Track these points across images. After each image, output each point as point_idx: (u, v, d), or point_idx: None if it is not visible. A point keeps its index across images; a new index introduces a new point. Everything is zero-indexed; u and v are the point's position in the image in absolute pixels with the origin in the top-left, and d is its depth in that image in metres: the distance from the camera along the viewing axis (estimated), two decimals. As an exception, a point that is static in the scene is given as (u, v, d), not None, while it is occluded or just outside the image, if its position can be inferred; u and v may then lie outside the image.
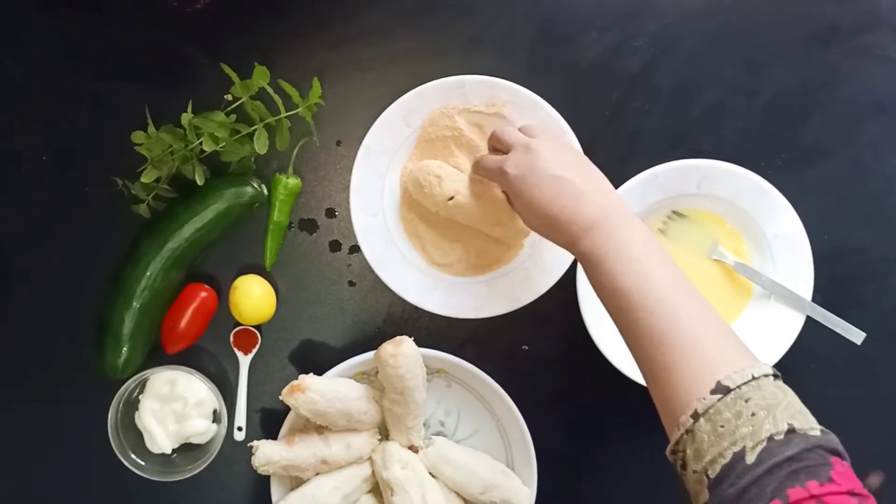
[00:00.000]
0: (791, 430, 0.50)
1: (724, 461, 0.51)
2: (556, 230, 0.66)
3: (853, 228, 0.83)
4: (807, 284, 0.80)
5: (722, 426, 0.52)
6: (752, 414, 0.51)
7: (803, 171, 0.83)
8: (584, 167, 0.68)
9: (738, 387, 0.53)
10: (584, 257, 0.64)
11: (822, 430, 0.52)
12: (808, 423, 0.52)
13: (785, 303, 0.80)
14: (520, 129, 0.72)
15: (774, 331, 0.80)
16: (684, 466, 0.55)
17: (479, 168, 0.74)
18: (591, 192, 0.65)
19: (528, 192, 0.66)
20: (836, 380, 0.83)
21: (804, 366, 0.82)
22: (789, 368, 0.80)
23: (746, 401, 0.52)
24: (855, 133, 0.83)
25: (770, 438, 0.50)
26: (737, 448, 0.50)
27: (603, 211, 0.64)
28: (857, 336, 0.80)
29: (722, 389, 0.53)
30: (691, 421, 0.53)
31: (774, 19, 0.84)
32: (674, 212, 0.82)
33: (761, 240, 0.81)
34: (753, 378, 0.53)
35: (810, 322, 0.80)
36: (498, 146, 0.72)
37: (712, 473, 0.51)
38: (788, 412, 0.52)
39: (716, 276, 0.82)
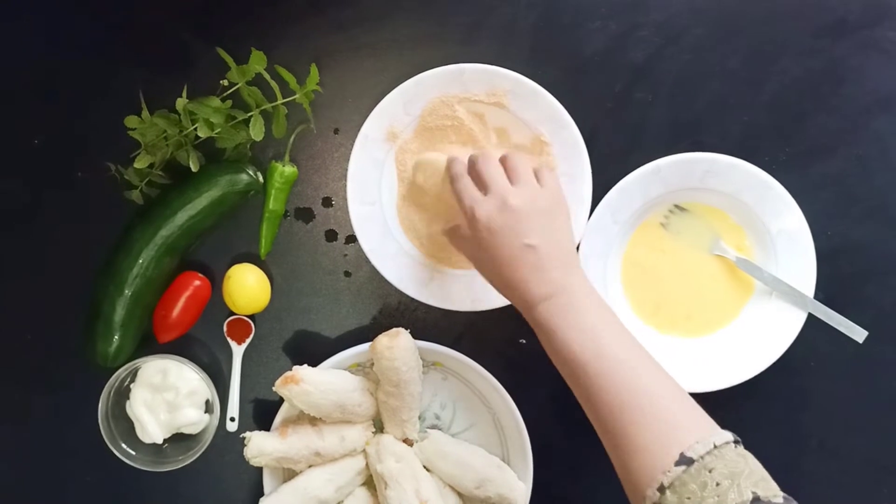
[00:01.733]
0: (756, 499, 0.51)
1: None
2: (510, 292, 0.67)
3: (857, 225, 0.82)
4: (809, 281, 0.79)
5: (688, 498, 0.53)
6: (717, 484, 0.52)
7: (808, 166, 0.82)
8: (556, 232, 0.66)
9: (702, 457, 0.54)
10: (538, 325, 0.64)
11: (784, 497, 0.52)
12: (772, 491, 0.53)
13: (786, 299, 0.79)
14: (501, 160, 0.69)
15: (775, 328, 0.79)
16: None
17: (452, 185, 0.70)
18: (554, 266, 0.64)
19: (492, 249, 0.66)
20: (838, 378, 0.82)
21: (805, 363, 0.82)
22: (790, 366, 0.80)
23: (710, 471, 0.53)
24: (861, 128, 0.82)
25: None
26: None
27: (561, 285, 0.64)
28: (859, 334, 0.80)
29: (685, 461, 0.54)
30: (658, 494, 0.54)
31: (781, 11, 0.82)
32: (676, 206, 0.81)
33: (764, 235, 0.80)
34: (715, 447, 0.54)
35: (812, 319, 0.79)
36: (474, 177, 0.69)
37: None
38: (751, 480, 0.52)
39: (717, 271, 0.81)
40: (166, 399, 0.78)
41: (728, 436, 0.56)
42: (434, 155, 0.77)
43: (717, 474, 0.53)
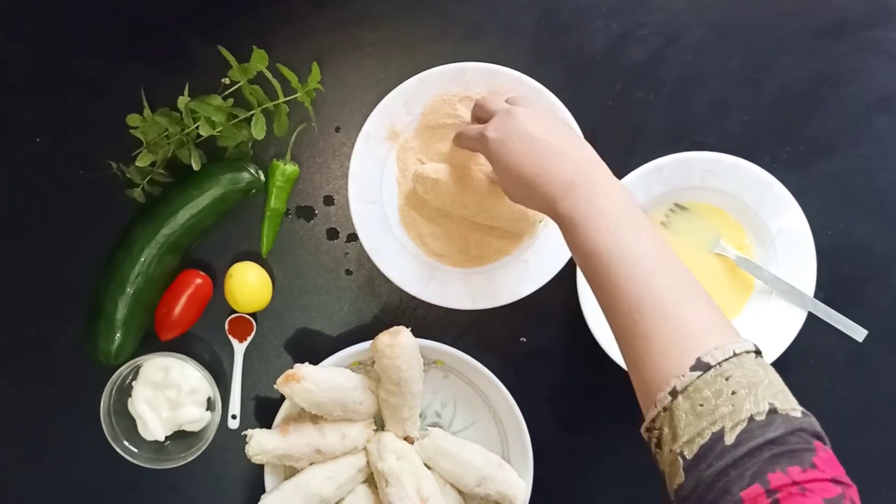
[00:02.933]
0: (773, 411, 0.48)
1: (702, 441, 0.49)
2: (534, 192, 0.63)
3: (857, 225, 0.82)
4: (809, 280, 0.79)
5: (701, 405, 0.50)
6: (733, 392, 0.49)
7: (808, 165, 0.82)
8: (563, 129, 0.66)
9: (719, 363, 0.50)
10: (562, 219, 0.61)
11: (803, 412, 0.49)
12: (790, 404, 0.50)
13: (787, 298, 0.79)
14: (506, 101, 0.71)
15: (775, 327, 0.80)
16: (659, 445, 0.53)
17: (460, 139, 0.73)
18: (569, 151, 0.62)
19: (507, 154, 0.64)
20: (837, 377, 0.82)
21: (805, 362, 0.82)
22: (790, 365, 0.80)
23: (727, 378, 0.50)
24: (861, 128, 0.83)
25: (750, 419, 0.48)
26: (716, 428, 0.48)
27: (581, 170, 0.61)
28: (858, 333, 0.80)
29: (702, 366, 0.51)
30: (669, 398, 0.51)
31: (782, 11, 0.83)
32: (676, 204, 0.81)
33: (764, 234, 0.80)
34: (735, 354, 0.51)
35: (812, 318, 0.79)
36: (482, 115, 0.71)
37: (689, 454, 0.49)
38: (770, 391, 0.49)
39: (717, 270, 0.82)
40: (168, 397, 0.79)
41: (749, 345, 0.52)
42: (432, 167, 0.77)
43: (734, 382, 0.49)
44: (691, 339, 0.52)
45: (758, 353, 0.53)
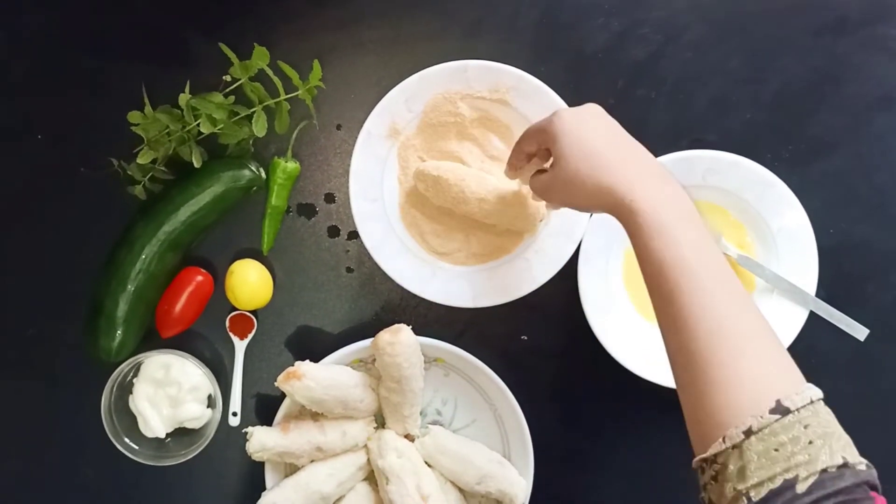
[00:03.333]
0: (844, 465, 0.48)
1: (772, 486, 0.48)
2: (608, 177, 0.59)
3: (859, 223, 0.82)
4: (811, 279, 0.79)
5: (776, 449, 0.49)
6: (810, 442, 0.49)
7: (809, 164, 0.82)
8: (632, 142, 0.63)
9: (798, 409, 0.50)
10: (639, 218, 0.57)
11: (867, 465, 0.50)
12: (857, 458, 0.50)
13: (788, 297, 0.79)
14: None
15: (777, 325, 0.78)
16: (716, 479, 0.52)
17: (520, 143, 0.68)
18: (649, 158, 0.61)
19: (584, 143, 0.60)
20: (839, 376, 0.82)
21: (806, 361, 0.80)
22: (791, 363, 0.80)
23: (805, 427, 0.49)
24: (863, 126, 0.82)
25: (824, 471, 0.48)
26: (789, 475, 0.48)
27: (660, 173, 0.59)
28: (860, 332, 0.80)
29: (781, 410, 0.50)
30: (742, 437, 0.50)
31: (783, 9, 0.82)
32: (677, 203, 0.81)
33: (765, 233, 0.80)
34: (812, 402, 0.51)
35: (813, 317, 0.79)
36: (529, 145, 0.67)
37: (756, 496, 0.49)
38: (841, 443, 0.49)
39: (718, 268, 0.81)
40: (169, 394, 0.79)
41: (820, 392, 0.52)
42: (434, 164, 0.77)
43: (812, 432, 0.49)
44: (768, 379, 0.52)
45: (824, 400, 0.52)
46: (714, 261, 0.56)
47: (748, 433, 0.50)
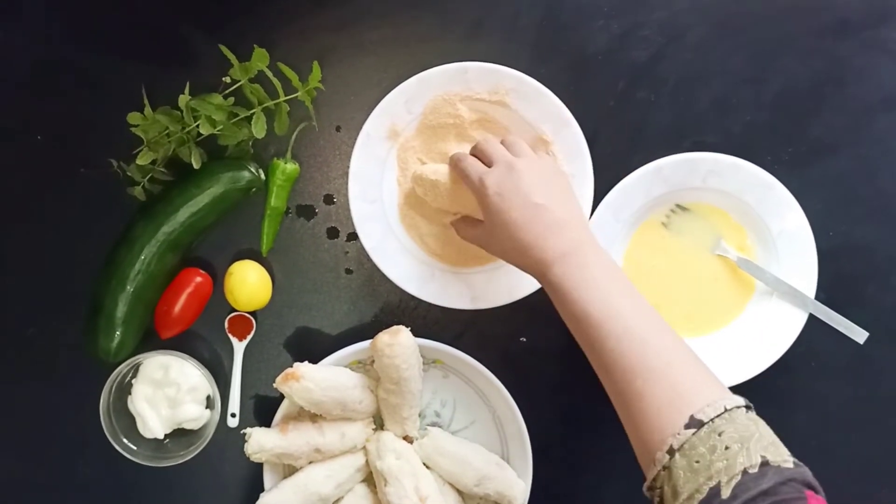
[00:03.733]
0: (765, 463, 0.50)
1: (700, 496, 0.51)
2: (525, 256, 0.66)
3: (859, 226, 0.82)
4: (810, 282, 0.79)
5: (697, 461, 0.52)
6: (726, 447, 0.51)
7: (810, 166, 0.82)
8: (562, 194, 0.68)
9: (712, 420, 0.53)
10: (553, 286, 0.64)
11: (794, 462, 0.52)
12: (781, 456, 0.52)
13: (788, 300, 0.79)
14: (502, 142, 0.71)
15: (776, 328, 0.79)
16: (662, 503, 0.55)
17: (457, 168, 0.72)
18: (567, 223, 0.65)
19: (505, 213, 0.66)
20: (838, 379, 0.82)
21: (805, 364, 0.82)
22: (791, 366, 0.80)
23: (720, 434, 0.52)
24: (863, 128, 0.82)
25: (744, 472, 0.50)
26: (712, 483, 0.50)
27: (576, 242, 0.64)
28: (859, 335, 0.79)
29: (695, 423, 0.53)
30: (667, 457, 0.54)
31: (784, 10, 0.82)
32: (677, 205, 0.81)
33: (765, 235, 0.80)
34: (726, 410, 0.53)
35: (813, 320, 0.79)
36: (482, 158, 0.71)
37: None
38: (761, 444, 0.52)
39: (718, 271, 0.81)
40: (167, 395, 0.79)
41: (739, 400, 0.55)
42: (431, 168, 0.77)
43: (727, 437, 0.52)
44: (683, 398, 0.55)
45: (748, 407, 0.55)
46: (625, 300, 0.61)
47: (671, 452, 0.53)
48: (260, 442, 0.76)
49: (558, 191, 0.68)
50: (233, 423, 0.82)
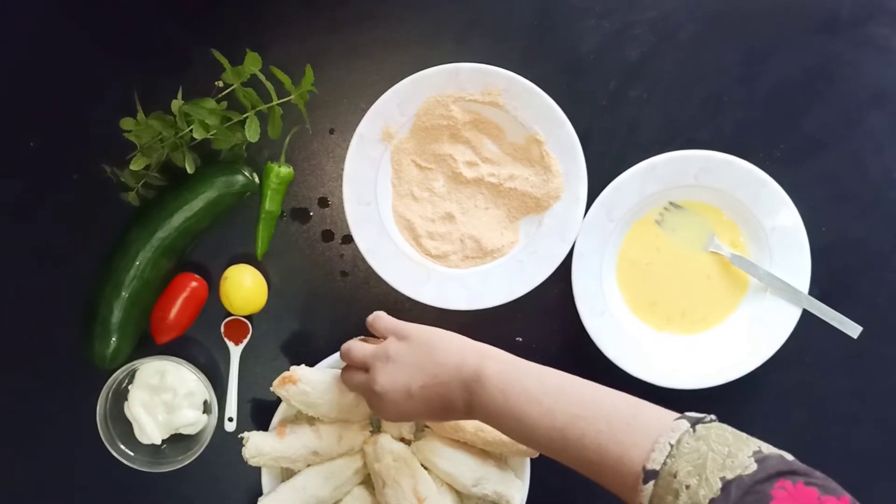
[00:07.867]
0: (726, 484, 0.50)
1: None
2: (434, 422, 0.73)
3: (851, 221, 0.82)
4: (804, 277, 0.79)
5: None
6: (686, 486, 0.51)
7: (802, 162, 0.82)
8: (438, 345, 0.67)
9: (664, 463, 0.52)
10: (475, 418, 0.64)
11: (755, 460, 0.50)
12: (739, 466, 0.50)
13: (781, 296, 0.80)
14: (367, 321, 0.73)
15: (770, 324, 0.80)
16: None
17: (347, 382, 0.73)
18: (451, 371, 0.65)
19: (395, 408, 0.67)
20: (832, 373, 0.83)
21: (800, 359, 0.82)
22: (785, 362, 0.80)
23: (674, 475, 0.52)
24: (855, 125, 0.83)
25: (711, 502, 0.50)
26: None
27: (467, 380, 0.64)
28: (853, 330, 0.80)
29: (651, 475, 0.53)
30: None
31: (775, 8, 0.83)
32: (671, 203, 0.81)
33: (759, 232, 0.80)
34: (671, 446, 0.53)
35: (807, 315, 0.80)
36: (354, 364, 0.72)
37: None
38: (716, 465, 0.51)
39: (712, 268, 0.82)
40: (164, 400, 0.78)
41: (681, 426, 0.54)
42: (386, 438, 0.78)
43: (683, 476, 0.51)
44: (632, 452, 0.55)
45: (694, 423, 0.54)
46: (542, 386, 0.61)
47: None
48: (257, 446, 0.76)
49: (434, 349, 0.67)
50: (230, 427, 0.82)
